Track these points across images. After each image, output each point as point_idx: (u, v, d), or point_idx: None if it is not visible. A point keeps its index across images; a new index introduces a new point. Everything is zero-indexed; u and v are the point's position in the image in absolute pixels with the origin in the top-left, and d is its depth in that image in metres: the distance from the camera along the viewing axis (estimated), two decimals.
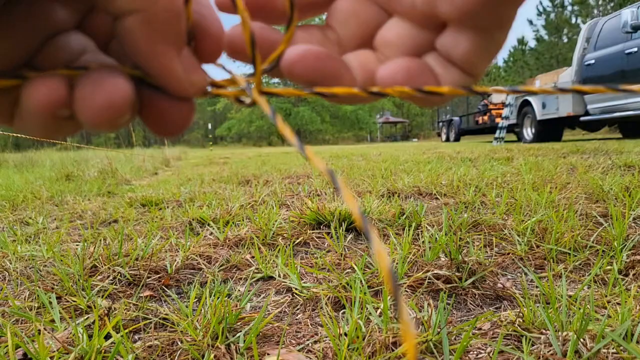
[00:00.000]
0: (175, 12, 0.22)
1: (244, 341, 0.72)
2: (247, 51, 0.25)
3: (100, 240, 1.32)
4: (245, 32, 0.24)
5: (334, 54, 0.25)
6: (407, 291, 0.90)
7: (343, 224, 1.43)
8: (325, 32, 0.28)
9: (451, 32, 0.25)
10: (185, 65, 0.24)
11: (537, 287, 0.92)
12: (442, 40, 0.25)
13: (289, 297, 0.93)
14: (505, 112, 9.19)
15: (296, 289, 0.94)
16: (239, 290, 0.99)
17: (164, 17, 0.22)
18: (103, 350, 0.69)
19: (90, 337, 0.72)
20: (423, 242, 1.17)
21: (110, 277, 1.05)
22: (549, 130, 8.17)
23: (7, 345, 0.66)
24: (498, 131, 9.19)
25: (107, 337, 0.74)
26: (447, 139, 14.19)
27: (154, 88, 0.25)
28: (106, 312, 0.85)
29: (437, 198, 2.04)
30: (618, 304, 0.81)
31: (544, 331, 0.71)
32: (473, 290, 0.92)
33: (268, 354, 0.69)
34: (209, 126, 29.59)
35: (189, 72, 0.24)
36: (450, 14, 0.24)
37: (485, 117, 12.16)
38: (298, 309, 0.87)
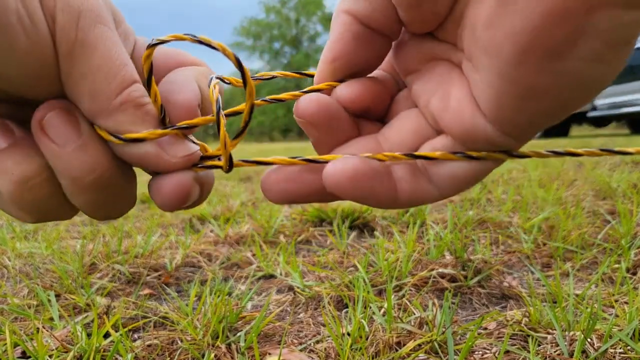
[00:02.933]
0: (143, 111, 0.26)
1: (245, 340, 0.72)
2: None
3: (99, 238, 1.33)
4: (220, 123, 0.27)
5: (374, 166, 0.26)
6: (411, 290, 0.90)
7: (346, 221, 1.43)
8: (378, 138, 0.30)
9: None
10: (162, 142, 0.26)
11: (543, 285, 0.91)
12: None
13: (291, 295, 0.93)
14: None
15: (298, 287, 0.94)
16: (240, 288, 0.99)
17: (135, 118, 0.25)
18: (102, 349, 0.69)
19: (89, 335, 0.72)
20: (428, 240, 1.17)
21: (110, 275, 1.05)
22: (556, 126, 8.14)
23: (6, 344, 0.66)
24: None
25: (106, 335, 0.75)
26: None
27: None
28: (105, 310, 0.86)
29: None
30: (626, 303, 0.80)
31: (550, 331, 0.71)
32: (478, 289, 0.92)
33: (269, 354, 0.69)
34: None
35: (169, 146, 0.26)
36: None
37: None
38: (300, 308, 0.87)
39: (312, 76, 0.31)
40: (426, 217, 1.46)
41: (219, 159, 0.28)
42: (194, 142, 0.28)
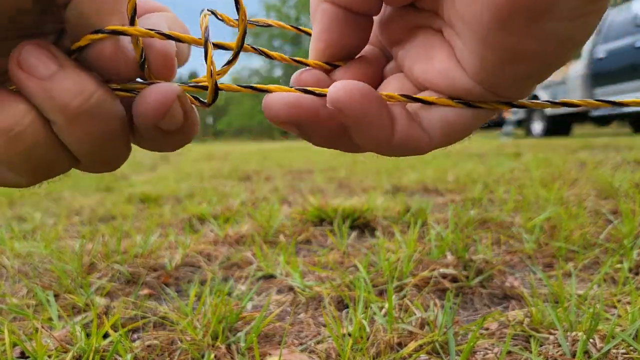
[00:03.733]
0: None
1: (245, 341, 0.72)
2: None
3: (98, 237, 1.33)
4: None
5: (378, 94, 0.27)
6: (412, 290, 0.90)
7: (346, 220, 1.43)
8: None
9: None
10: (125, 45, 0.26)
11: (545, 285, 0.92)
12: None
13: (291, 296, 0.93)
14: None
15: (298, 287, 0.94)
16: (240, 288, 0.99)
17: None
18: (101, 350, 0.69)
19: (88, 335, 0.72)
20: (429, 239, 1.17)
21: (109, 275, 1.05)
22: (558, 125, 8.14)
23: (5, 344, 0.66)
24: (506, 126, 9.16)
25: (106, 336, 0.75)
26: None
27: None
28: (104, 310, 0.86)
29: (443, 195, 2.03)
30: (628, 303, 0.80)
31: (552, 331, 0.71)
32: (480, 289, 0.92)
33: (270, 354, 0.69)
34: (211, 120, 29.55)
35: (131, 49, 0.26)
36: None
37: None
38: (300, 308, 0.88)
39: (308, 33, 0.32)
40: (427, 217, 1.46)
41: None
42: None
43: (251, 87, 0.28)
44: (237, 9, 0.26)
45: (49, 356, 0.67)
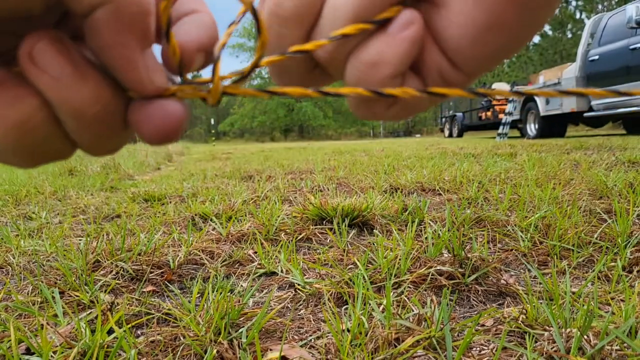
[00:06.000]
0: (143, 8, 0.22)
1: (247, 337, 0.72)
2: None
3: (103, 235, 1.32)
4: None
5: None
6: (410, 287, 0.90)
7: (346, 219, 1.43)
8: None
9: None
10: (147, 63, 0.24)
11: (540, 283, 0.91)
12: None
13: (292, 292, 0.93)
14: (508, 107, 9.18)
15: (299, 284, 0.94)
16: (242, 285, 0.99)
17: (132, 10, 0.22)
18: (106, 345, 0.69)
19: (92, 332, 0.72)
20: (426, 238, 1.17)
21: (113, 272, 1.05)
22: (553, 126, 8.14)
23: (10, 340, 0.66)
24: (501, 127, 9.17)
25: (110, 332, 0.75)
26: (450, 135, 14.16)
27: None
28: (109, 307, 0.86)
29: (440, 194, 2.03)
30: (622, 300, 0.80)
31: (547, 328, 0.71)
32: (476, 286, 0.92)
33: (271, 350, 0.69)
34: (212, 121, 29.53)
35: (150, 70, 0.24)
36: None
37: (489, 113, 12.11)
38: (301, 305, 0.87)
39: None
40: (424, 216, 1.46)
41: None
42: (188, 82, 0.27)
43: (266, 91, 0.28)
44: (259, 33, 0.26)
45: (54, 352, 0.67)
